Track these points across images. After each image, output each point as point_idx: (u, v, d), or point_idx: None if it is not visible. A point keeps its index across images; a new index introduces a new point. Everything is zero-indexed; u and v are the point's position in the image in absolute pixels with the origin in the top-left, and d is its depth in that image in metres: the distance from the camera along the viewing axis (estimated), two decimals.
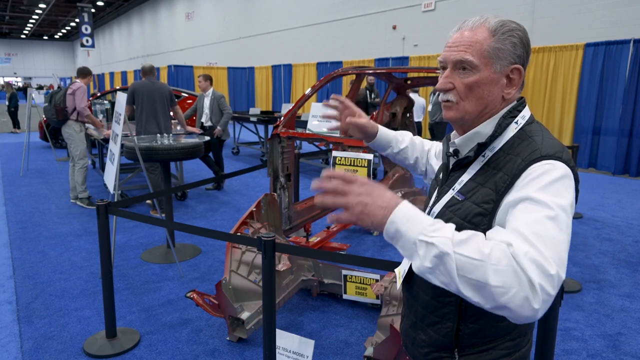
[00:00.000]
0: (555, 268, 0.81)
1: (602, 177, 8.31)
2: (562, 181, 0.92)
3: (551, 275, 0.80)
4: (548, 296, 0.79)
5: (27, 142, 8.74)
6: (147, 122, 5.57)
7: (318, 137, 3.42)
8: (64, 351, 2.78)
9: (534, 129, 1.03)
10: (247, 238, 2.26)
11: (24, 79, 54.52)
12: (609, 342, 2.91)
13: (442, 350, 1.10)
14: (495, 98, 1.03)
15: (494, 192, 0.98)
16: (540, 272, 0.80)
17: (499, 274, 0.79)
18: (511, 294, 0.79)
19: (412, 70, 4.01)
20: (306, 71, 15.60)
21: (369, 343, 2.57)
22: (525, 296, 0.78)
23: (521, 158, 0.97)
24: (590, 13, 9.31)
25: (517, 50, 1.02)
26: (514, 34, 1.02)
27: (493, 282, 0.79)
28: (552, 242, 0.84)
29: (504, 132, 1.03)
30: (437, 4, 12.45)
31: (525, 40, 1.04)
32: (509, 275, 0.79)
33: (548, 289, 0.79)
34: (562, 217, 0.88)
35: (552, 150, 0.96)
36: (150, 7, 31.94)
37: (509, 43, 1.01)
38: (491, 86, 1.02)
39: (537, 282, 0.78)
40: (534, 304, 0.78)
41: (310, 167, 8.95)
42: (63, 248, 4.52)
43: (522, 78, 1.04)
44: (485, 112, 1.05)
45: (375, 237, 4.83)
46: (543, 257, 0.81)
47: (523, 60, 1.03)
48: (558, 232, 0.86)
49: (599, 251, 4.49)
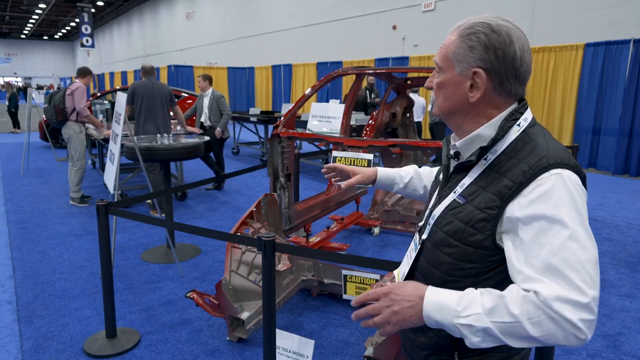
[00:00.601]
0: (588, 295, 0.84)
1: (602, 177, 8.31)
2: (573, 191, 0.91)
3: (586, 304, 0.83)
4: (590, 322, 0.83)
5: (27, 142, 8.74)
6: (145, 122, 5.57)
7: (318, 137, 3.42)
8: (64, 351, 2.78)
9: (536, 132, 1.02)
10: (247, 238, 2.26)
11: (24, 79, 54.51)
12: (609, 342, 2.91)
13: (442, 352, 1.10)
14: (461, 100, 1.03)
15: (498, 199, 0.97)
16: (575, 308, 0.83)
17: (538, 326, 0.85)
18: (557, 337, 0.84)
19: (412, 70, 4.00)
20: (306, 71, 15.60)
21: (369, 343, 2.57)
22: (570, 334, 0.83)
23: (527, 165, 0.95)
24: (590, 13, 9.31)
25: (476, 54, 0.99)
26: (473, 37, 1.00)
27: (536, 335, 0.85)
28: (578, 266, 0.86)
29: (507, 135, 1.01)
30: (437, 4, 12.45)
31: (490, 43, 0.98)
32: (547, 324, 0.84)
33: (588, 317, 0.83)
34: (581, 233, 0.89)
35: (559, 158, 0.94)
36: (150, 7, 31.94)
37: (466, 46, 1.01)
38: (455, 88, 1.03)
39: (575, 320, 0.83)
40: (581, 335, 0.83)
41: (310, 167, 8.95)
42: (63, 248, 4.52)
43: (487, 82, 0.99)
44: (455, 113, 1.06)
45: (375, 237, 4.83)
46: (573, 290, 0.84)
47: (491, 64, 0.98)
48: (582, 251, 0.87)
49: (599, 251, 4.49)
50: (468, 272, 1.02)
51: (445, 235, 1.05)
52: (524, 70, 1.01)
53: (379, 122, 4.74)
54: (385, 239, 4.80)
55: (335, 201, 4.59)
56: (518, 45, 0.99)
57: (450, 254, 1.04)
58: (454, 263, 1.04)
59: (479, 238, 0.99)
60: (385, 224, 4.88)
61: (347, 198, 4.82)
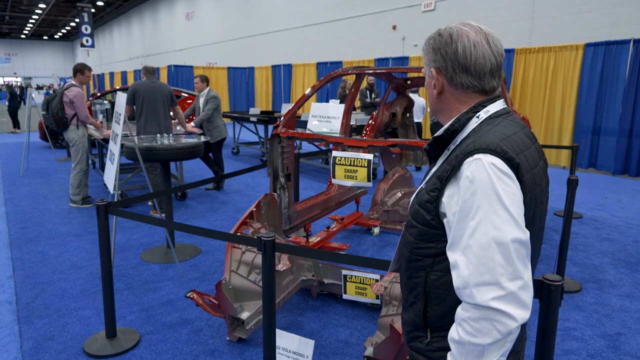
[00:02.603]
0: (495, 273, 0.92)
1: (602, 177, 8.31)
2: (492, 176, 0.95)
3: (494, 282, 0.92)
4: (502, 297, 0.91)
5: (27, 142, 8.74)
6: (147, 122, 5.55)
7: (318, 137, 3.42)
8: (64, 351, 2.78)
9: (493, 122, 1.08)
10: (247, 238, 2.26)
11: (24, 79, 54.48)
12: (609, 342, 2.91)
13: (418, 329, 1.17)
14: (432, 98, 1.18)
15: (438, 182, 1.06)
16: (485, 289, 0.92)
17: (475, 325, 0.94)
18: (489, 327, 0.93)
19: (412, 70, 4.00)
20: (306, 71, 15.59)
21: (369, 343, 2.57)
22: (494, 317, 0.92)
23: (460, 150, 1.04)
24: (590, 13, 9.31)
25: (429, 56, 1.15)
26: (427, 43, 1.16)
27: (478, 339, 0.95)
28: (487, 249, 0.93)
29: (466, 127, 1.09)
30: (437, 4, 12.45)
31: (436, 45, 1.12)
32: (477, 318, 0.94)
33: (499, 293, 0.91)
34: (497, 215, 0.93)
35: (485, 144, 0.99)
36: (150, 7, 31.92)
37: (424, 52, 1.17)
38: (429, 88, 1.19)
39: (486, 300, 0.92)
40: (502, 316, 0.92)
41: (310, 167, 8.95)
42: (63, 248, 4.52)
43: (440, 79, 1.13)
44: (437, 111, 1.20)
45: (375, 237, 4.83)
46: (480, 274, 0.93)
47: (439, 63, 1.12)
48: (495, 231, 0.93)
49: (599, 251, 4.49)
50: (426, 252, 1.10)
51: (410, 217, 1.16)
52: (474, 63, 1.08)
53: (379, 122, 4.74)
54: (385, 239, 4.80)
55: (335, 201, 4.59)
56: (462, 43, 1.08)
57: (412, 233, 1.13)
58: (414, 242, 1.13)
59: (428, 218, 1.07)
60: (385, 224, 4.88)
61: (347, 198, 4.82)
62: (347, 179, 3.21)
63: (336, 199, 4.60)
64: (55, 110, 5.65)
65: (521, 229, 0.94)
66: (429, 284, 1.10)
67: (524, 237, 0.94)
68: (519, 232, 0.94)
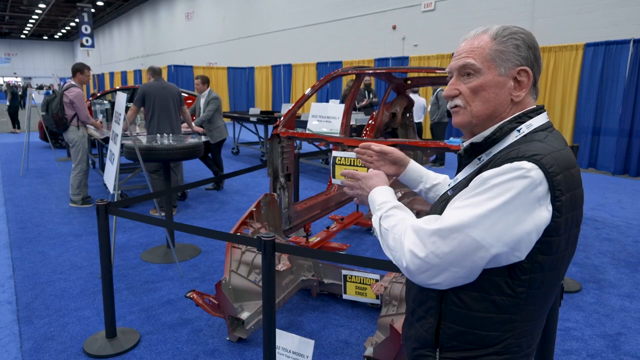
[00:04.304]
0: (431, 243, 0.94)
1: (602, 177, 8.31)
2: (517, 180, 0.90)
3: (424, 245, 0.95)
4: (417, 258, 0.95)
5: (27, 142, 8.74)
6: (160, 123, 5.53)
7: (318, 137, 3.42)
8: (63, 351, 2.78)
9: (538, 136, 1.00)
10: (247, 238, 2.26)
11: (24, 79, 54.47)
12: (609, 342, 2.91)
13: (425, 347, 1.09)
14: (503, 101, 1.03)
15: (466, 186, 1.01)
16: (415, 240, 0.97)
17: (392, 239, 1.03)
18: (394, 255, 1.02)
19: (412, 70, 4.00)
20: (306, 71, 15.59)
21: (369, 343, 2.57)
22: (398, 256, 1.00)
23: (500, 156, 0.98)
24: (590, 13, 9.31)
25: (521, 52, 1.02)
26: (515, 36, 1.03)
27: (388, 243, 1.04)
28: (450, 222, 0.94)
29: (505, 139, 1.02)
30: (437, 4, 12.45)
31: (529, 42, 1.03)
32: (395, 239, 1.02)
33: (417, 251, 0.95)
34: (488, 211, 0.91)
35: (532, 152, 0.93)
36: (150, 7, 31.92)
37: (511, 45, 1.02)
38: (497, 89, 1.03)
39: (405, 245, 0.98)
40: (402, 261, 0.98)
41: (310, 167, 8.95)
42: (63, 248, 4.52)
43: (531, 80, 1.04)
44: (495, 116, 1.05)
45: (375, 237, 4.83)
46: (425, 227, 0.96)
47: (530, 62, 1.03)
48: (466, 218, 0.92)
49: (599, 251, 4.49)
50: None
51: None
52: (540, 68, 1.07)
53: (379, 122, 4.74)
54: None
55: (335, 201, 4.59)
56: (537, 45, 1.06)
57: None
58: None
59: None
60: None
61: (347, 198, 4.82)
62: None
63: (336, 199, 4.60)
64: (55, 110, 5.64)
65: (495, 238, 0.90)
66: (446, 300, 1.02)
67: (488, 250, 0.91)
68: (489, 239, 0.90)
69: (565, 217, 0.94)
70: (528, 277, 0.95)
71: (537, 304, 1.00)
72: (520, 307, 0.97)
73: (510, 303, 0.97)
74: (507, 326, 0.98)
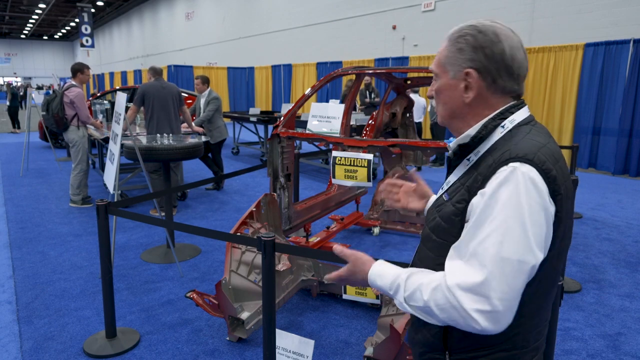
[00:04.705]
0: (487, 288, 0.90)
1: (602, 177, 8.31)
2: (521, 187, 0.91)
3: (483, 296, 0.90)
4: (487, 313, 0.90)
5: (27, 142, 8.74)
6: (159, 123, 5.53)
7: (318, 137, 3.42)
8: (63, 351, 2.78)
9: (522, 130, 1.02)
10: (247, 238, 2.26)
11: (24, 79, 54.47)
12: (609, 342, 2.91)
13: (434, 351, 1.11)
14: (459, 103, 1.07)
15: (467, 193, 1.01)
16: (473, 298, 0.91)
17: (443, 311, 0.95)
18: (459, 323, 0.94)
19: (412, 70, 4.00)
20: (306, 71, 15.59)
21: (369, 343, 2.57)
22: (468, 322, 0.92)
23: (493, 159, 0.98)
24: (590, 13, 9.31)
25: (465, 55, 1.03)
26: (460, 40, 1.04)
27: (443, 318, 0.96)
28: (490, 261, 0.91)
29: (491, 136, 1.04)
30: (437, 4, 12.45)
31: (478, 43, 1.01)
32: (448, 309, 0.94)
33: (483, 307, 0.90)
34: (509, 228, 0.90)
35: (522, 152, 0.94)
36: (150, 7, 31.92)
37: (455, 49, 1.05)
38: (450, 91, 1.07)
39: (470, 309, 0.91)
40: (476, 325, 0.91)
41: (310, 167, 8.95)
42: (63, 248, 4.52)
43: (482, 81, 1.03)
44: (456, 117, 1.09)
45: (375, 237, 4.83)
46: (473, 282, 0.91)
47: (479, 63, 1.02)
48: (499, 246, 0.90)
49: (599, 251, 4.49)
50: None
51: (429, 230, 1.10)
52: (517, 66, 1.03)
53: (379, 122, 4.74)
54: (385, 239, 4.80)
55: (335, 201, 4.59)
56: (507, 43, 1.01)
57: (430, 248, 1.09)
58: (434, 258, 1.08)
59: (452, 232, 1.02)
60: (385, 224, 4.88)
61: (347, 198, 4.82)
62: (347, 179, 3.21)
63: (336, 199, 4.60)
64: (55, 110, 5.63)
65: (532, 252, 0.91)
66: None
67: (532, 261, 0.91)
68: (528, 254, 0.91)
69: (565, 209, 0.97)
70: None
71: (539, 298, 1.02)
72: (524, 303, 0.98)
73: None
74: (513, 323, 0.99)
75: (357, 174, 3.16)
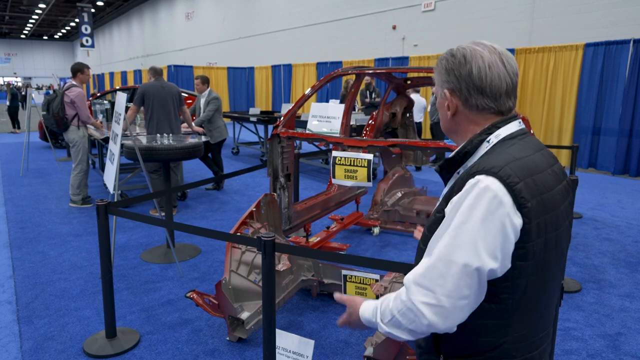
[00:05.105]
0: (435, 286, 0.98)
1: (602, 177, 8.31)
2: (481, 199, 0.96)
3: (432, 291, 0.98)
4: (436, 307, 0.97)
5: (27, 142, 8.74)
6: (159, 123, 5.53)
7: (318, 137, 3.42)
8: (63, 351, 2.78)
9: (505, 145, 1.05)
10: (247, 238, 2.26)
11: (24, 79, 54.47)
12: (609, 342, 2.91)
13: (430, 353, 1.16)
14: (447, 119, 1.16)
15: (444, 203, 1.07)
16: (420, 291, 0.99)
17: (403, 316, 1.02)
18: (416, 325, 1.01)
19: (412, 70, 4.00)
20: (306, 71, 15.59)
21: (369, 343, 2.57)
22: (420, 320, 1.00)
23: (466, 172, 1.03)
24: (590, 13, 9.31)
25: (442, 77, 1.12)
26: (439, 63, 1.13)
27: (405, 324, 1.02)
28: (438, 258, 0.99)
29: (477, 151, 1.08)
30: (437, 4, 12.45)
31: (449, 66, 1.10)
32: (406, 312, 1.01)
33: (431, 301, 0.98)
34: (458, 236, 0.97)
35: (490, 165, 0.99)
36: (150, 7, 31.92)
37: (437, 72, 1.15)
38: (441, 109, 1.16)
39: (417, 301, 0.99)
40: (423, 319, 0.99)
41: (310, 167, 8.95)
42: (63, 248, 4.52)
43: (455, 100, 1.10)
44: (451, 130, 1.18)
45: (375, 237, 4.83)
46: (420, 271, 1.01)
47: (453, 84, 1.09)
48: (447, 248, 0.98)
49: (599, 251, 4.49)
50: None
51: (420, 240, 1.16)
52: (490, 84, 1.06)
53: (379, 122, 4.74)
54: (385, 239, 4.80)
55: (335, 201, 4.59)
56: (476, 64, 1.06)
57: (419, 257, 1.13)
58: None
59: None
60: (385, 224, 4.88)
61: (347, 198, 4.82)
62: (347, 179, 3.21)
63: (336, 199, 4.60)
64: (55, 110, 5.63)
65: (477, 257, 0.95)
66: None
67: (476, 264, 0.95)
68: (473, 258, 0.95)
69: (536, 222, 0.99)
70: (510, 284, 1.00)
71: (525, 308, 1.04)
72: (509, 312, 1.02)
73: (497, 309, 1.02)
74: (500, 331, 1.04)
75: (357, 174, 3.16)
